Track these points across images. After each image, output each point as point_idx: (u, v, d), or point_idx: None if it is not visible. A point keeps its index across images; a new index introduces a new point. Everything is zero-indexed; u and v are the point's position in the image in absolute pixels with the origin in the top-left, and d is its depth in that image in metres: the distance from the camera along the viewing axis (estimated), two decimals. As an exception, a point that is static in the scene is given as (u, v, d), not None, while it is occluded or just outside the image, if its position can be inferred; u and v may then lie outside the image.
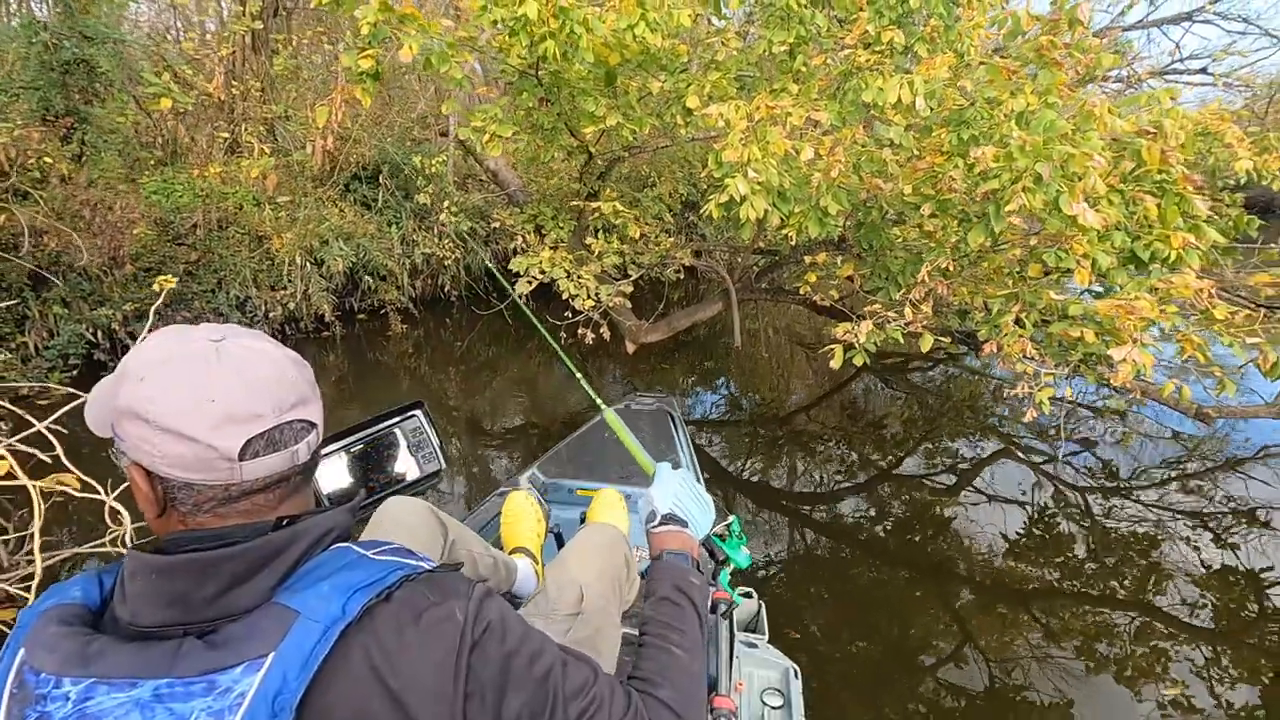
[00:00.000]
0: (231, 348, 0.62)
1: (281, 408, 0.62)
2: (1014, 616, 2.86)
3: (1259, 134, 3.35)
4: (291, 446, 0.63)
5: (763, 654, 1.54)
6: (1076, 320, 2.12)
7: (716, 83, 3.34)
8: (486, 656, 0.64)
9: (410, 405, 1.42)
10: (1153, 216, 2.06)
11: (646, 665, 0.83)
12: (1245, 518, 3.64)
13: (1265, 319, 2.18)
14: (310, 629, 0.56)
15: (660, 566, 1.00)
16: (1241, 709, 2.37)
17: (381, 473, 1.34)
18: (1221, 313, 2.06)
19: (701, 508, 1.14)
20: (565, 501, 2.24)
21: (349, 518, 0.69)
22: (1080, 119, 2.04)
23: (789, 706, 1.43)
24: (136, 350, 0.62)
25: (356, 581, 0.60)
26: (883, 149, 2.90)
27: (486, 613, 0.66)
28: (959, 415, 5.16)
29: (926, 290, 2.51)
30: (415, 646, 0.60)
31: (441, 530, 1.32)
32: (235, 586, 0.58)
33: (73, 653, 0.55)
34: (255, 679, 0.54)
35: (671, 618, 0.90)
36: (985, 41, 2.91)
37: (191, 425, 0.58)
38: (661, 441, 2.66)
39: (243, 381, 0.60)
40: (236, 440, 0.59)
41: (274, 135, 6.90)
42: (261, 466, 0.61)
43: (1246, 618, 2.88)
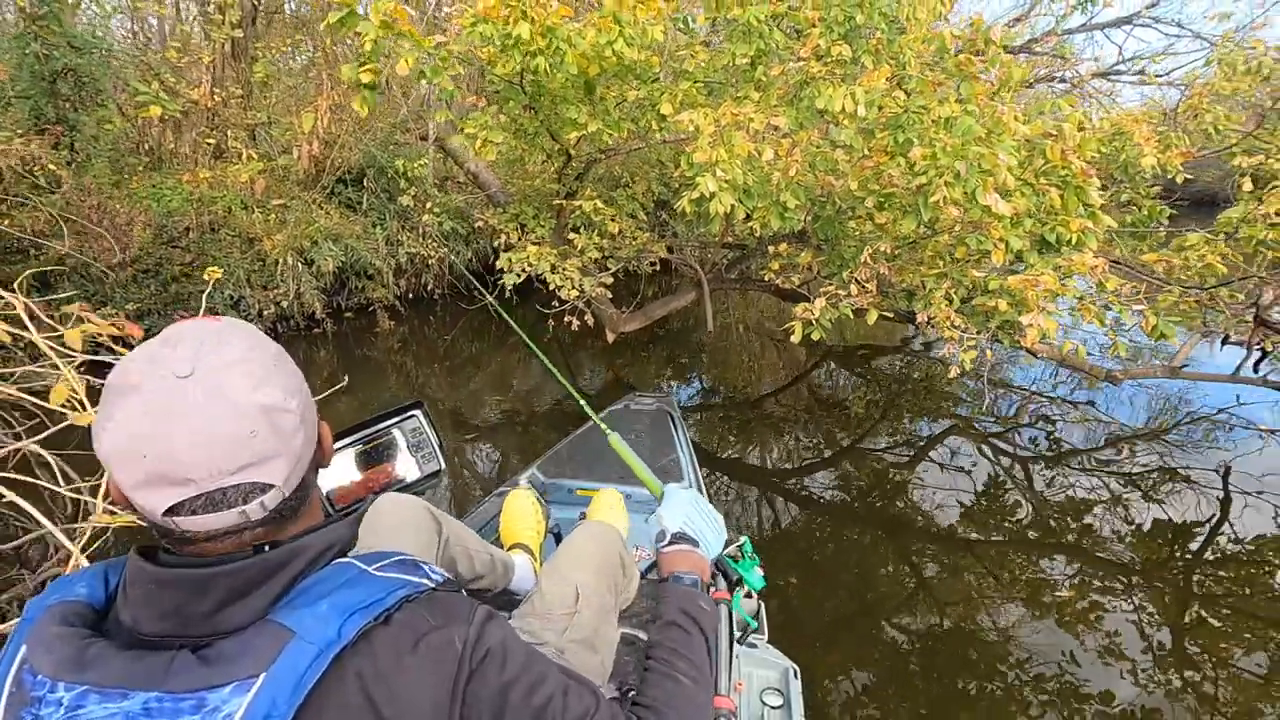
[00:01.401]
0: (194, 392, 0.56)
1: (223, 470, 0.57)
2: (957, 564, 3.24)
3: (1164, 132, 3.81)
4: (238, 506, 0.58)
5: (762, 654, 1.53)
6: (994, 293, 2.51)
7: (687, 91, 3.68)
8: (485, 685, 0.63)
9: (410, 405, 1.41)
10: (1057, 205, 2.45)
11: (652, 692, 0.83)
12: (1169, 476, 4.09)
13: (1149, 290, 2.59)
14: (304, 650, 0.55)
15: (669, 590, 0.99)
16: (1163, 645, 2.72)
17: (381, 473, 1.33)
18: (1112, 284, 2.46)
19: (712, 527, 1.14)
20: (565, 501, 2.24)
21: (352, 530, 0.68)
22: (993, 125, 2.42)
23: (789, 706, 1.42)
24: (124, 362, 0.59)
25: (355, 602, 0.59)
26: (835, 150, 3.27)
27: (487, 638, 0.65)
28: (915, 397, 5.58)
29: (871, 271, 2.88)
30: (412, 673, 0.60)
31: (436, 528, 1.31)
32: (231, 603, 0.58)
33: (69, 656, 0.55)
34: (244, 700, 0.53)
35: (679, 644, 0.90)
36: (922, 54, 3.28)
37: (122, 474, 0.56)
38: (661, 442, 2.65)
39: (189, 439, 0.55)
40: (161, 501, 0.56)
41: (254, 139, 7.08)
42: (200, 522, 0.58)
43: (1170, 564, 3.26)
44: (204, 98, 6.02)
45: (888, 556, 3.34)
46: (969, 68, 2.53)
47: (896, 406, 5.31)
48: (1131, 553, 3.35)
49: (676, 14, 3.85)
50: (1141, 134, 3.39)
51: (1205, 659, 2.66)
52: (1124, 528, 3.53)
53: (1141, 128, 3.45)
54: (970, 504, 3.75)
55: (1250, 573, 3.25)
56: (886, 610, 2.92)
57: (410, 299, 7.16)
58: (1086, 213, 2.47)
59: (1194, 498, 3.85)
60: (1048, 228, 2.47)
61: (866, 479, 4.12)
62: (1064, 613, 2.88)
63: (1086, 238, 2.44)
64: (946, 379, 5.79)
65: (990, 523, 3.60)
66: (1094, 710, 2.42)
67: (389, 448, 1.36)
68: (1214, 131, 3.78)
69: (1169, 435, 4.64)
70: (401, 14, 3.23)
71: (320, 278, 5.87)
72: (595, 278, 4.10)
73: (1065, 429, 4.74)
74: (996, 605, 2.96)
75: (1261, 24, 5.63)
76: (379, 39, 3.20)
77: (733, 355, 6.74)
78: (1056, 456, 4.33)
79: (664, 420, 2.80)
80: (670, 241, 5.87)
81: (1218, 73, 3.91)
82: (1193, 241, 2.93)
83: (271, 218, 5.86)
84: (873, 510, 3.78)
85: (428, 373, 6.10)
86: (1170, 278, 3.38)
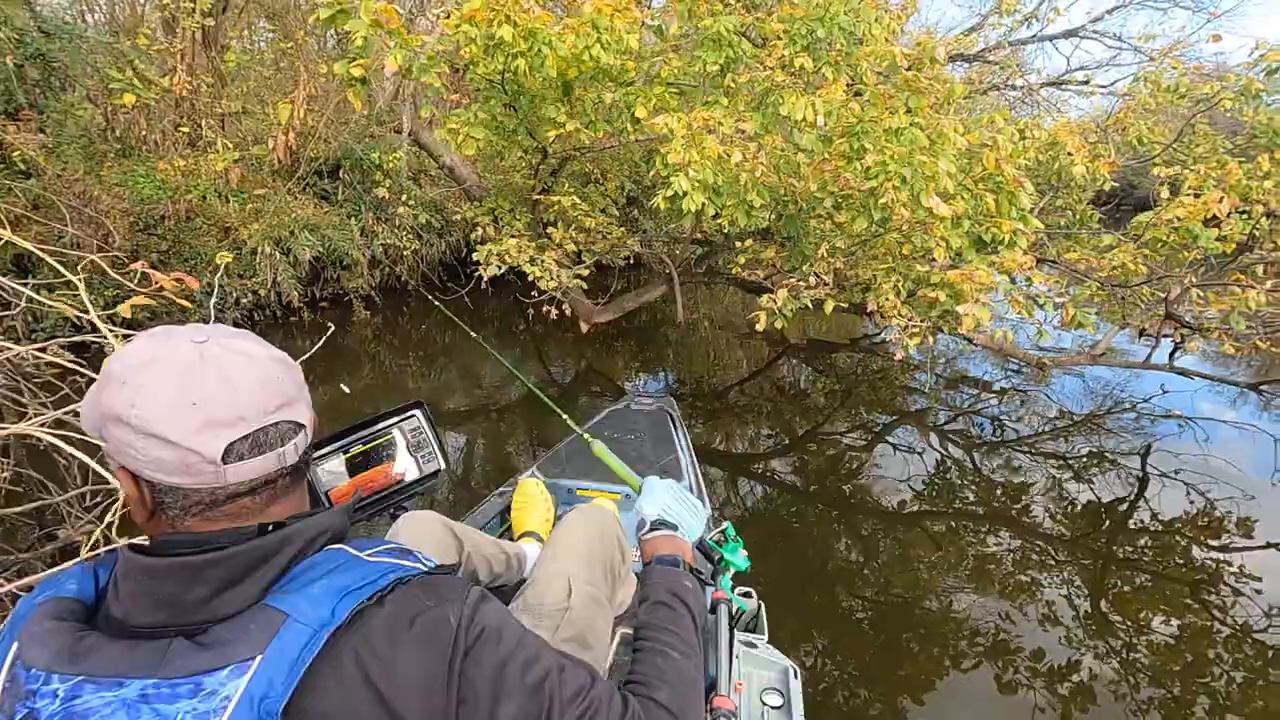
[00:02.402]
0: (215, 349, 0.61)
1: (265, 410, 0.62)
2: (905, 538, 3.52)
3: (1094, 144, 4.17)
4: (278, 448, 0.63)
5: (762, 654, 1.54)
6: (936, 286, 2.80)
7: (660, 95, 3.91)
8: (480, 663, 0.64)
9: (410, 405, 1.41)
10: (992, 209, 2.75)
11: (643, 669, 0.84)
12: (1098, 459, 4.46)
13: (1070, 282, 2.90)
14: (299, 632, 0.56)
15: (653, 572, 1.02)
16: (1087, 608, 3.00)
17: (381, 473, 1.35)
18: (1038, 279, 2.77)
19: (692, 512, 1.17)
20: (565, 501, 2.27)
21: (344, 519, 0.69)
22: (935, 135, 2.70)
23: (788, 706, 1.43)
24: (120, 353, 0.61)
25: (348, 584, 0.60)
26: (797, 154, 3.53)
27: (481, 618, 0.66)
28: (872, 388, 5.90)
29: (828, 266, 3.15)
30: (407, 650, 0.60)
31: (457, 544, 1.33)
32: (225, 590, 0.59)
33: (63, 649, 0.56)
34: (241, 682, 0.54)
35: (666, 621, 0.91)
36: (878, 66, 3.57)
37: (173, 429, 0.58)
38: (661, 441, 2.67)
39: (225, 384, 0.60)
40: (218, 444, 0.59)
41: (224, 128, 7.09)
42: (246, 469, 0.61)
43: (1096, 537, 3.57)
44: (178, 85, 6.03)
45: (841, 531, 3.61)
46: (915, 83, 2.81)
47: (854, 397, 5.62)
48: (1063, 527, 3.67)
49: (651, 21, 4.08)
50: (1073, 145, 3.74)
51: (1123, 620, 2.95)
52: (1057, 505, 3.87)
53: (1074, 139, 3.79)
54: (920, 485, 4.04)
55: (1165, 543, 3.60)
56: (840, 579, 3.15)
57: (385, 289, 7.26)
58: (1018, 215, 2.77)
59: (1118, 478, 4.22)
60: (984, 228, 2.77)
61: (824, 462, 4.40)
62: (1002, 581, 3.16)
63: (1018, 238, 2.74)
64: (900, 372, 6.14)
65: (938, 501, 3.89)
66: (1024, 664, 2.67)
67: (389, 447, 1.36)
68: (1138, 143, 4.15)
69: (1100, 422, 5.03)
70: (391, 13, 3.39)
71: (297, 267, 5.95)
72: (571, 270, 4.31)
73: (1008, 418, 5.11)
74: (940, 573, 3.23)
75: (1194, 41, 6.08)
76: (369, 36, 3.36)
77: (700, 349, 6.97)
78: (1000, 442, 4.68)
79: (664, 420, 2.82)
80: (640, 237, 6.10)
81: (1143, 89, 4.28)
82: (1108, 242, 3.27)
83: (248, 207, 5.92)
84: (829, 490, 4.06)
85: (402, 363, 6.22)
86: (1100, 277, 3.73)
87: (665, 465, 2.50)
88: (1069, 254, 3.16)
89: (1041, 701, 2.47)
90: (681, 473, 2.46)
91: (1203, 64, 6.37)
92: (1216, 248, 3.01)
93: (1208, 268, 3.75)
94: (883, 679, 2.60)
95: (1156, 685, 2.58)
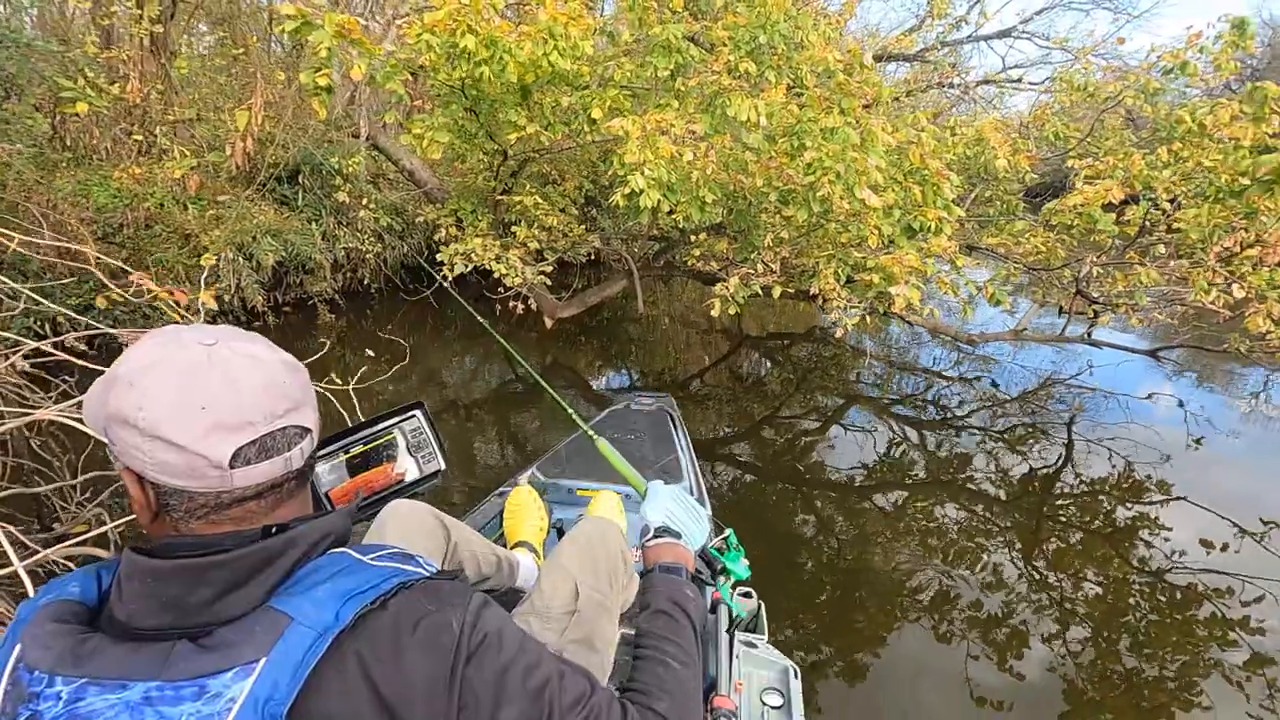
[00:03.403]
0: (223, 352, 0.61)
1: (273, 414, 0.62)
2: (857, 507, 3.80)
3: (1016, 139, 4.54)
4: (284, 453, 0.64)
5: (762, 654, 1.55)
6: (870, 270, 3.08)
7: (615, 98, 4.12)
8: (482, 668, 0.64)
9: (410, 406, 1.43)
10: (919, 199, 3.04)
11: (643, 678, 0.84)
12: (1030, 430, 4.83)
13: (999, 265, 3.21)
14: (303, 635, 0.57)
15: (654, 580, 1.02)
16: (1020, 562, 3.30)
17: (382, 473, 1.36)
18: (960, 261, 3.07)
19: (695, 520, 1.17)
20: (565, 501, 2.27)
21: (346, 522, 0.69)
22: (865, 134, 2.98)
23: (789, 706, 1.43)
24: (127, 354, 0.61)
25: (352, 588, 0.61)
26: (745, 152, 3.78)
27: (484, 623, 0.66)
28: (825, 375, 6.22)
29: (775, 255, 3.41)
30: (409, 656, 0.61)
31: (445, 533, 1.34)
32: (230, 592, 0.59)
33: (66, 651, 0.56)
34: (245, 685, 0.54)
35: (667, 630, 0.92)
36: (816, 69, 3.84)
37: (180, 433, 0.58)
38: (661, 441, 2.68)
39: (233, 387, 0.60)
40: (226, 448, 0.59)
41: (175, 135, 7.06)
42: (254, 474, 0.62)
43: (1028, 499, 3.91)
44: (132, 93, 6.01)
45: (799, 504, 3.87)
46: (847, 87, 3.09)
47: (808, 383, 5.93)
48: (999, 491, 4.01)
49: (604, 28, 4.29)
50: (997, 140, 4.08)
51: (1053, 571, 3.26)
52: (994, 473, 4.21)
53: (997, 135, 4.14)
54: (871, 460, 4.33)
55: (1090, 503, 3.96)
56: (797, 545, 3.41)
57: (348, 293, 7.32)
58: (942, 205, 3.07)
59: (1049, 447, 4.60)
60: (912, 217, 3.06)
61: (782, 443, 4.67)
62: (947, 542, 3.44)
63: (943, 225, 3.04)
64: (851, 359, 6.47)
65: (889, 474, 4.18)
66: (963, 616, 2.91)
67: (389, 448, 1.37)
68: (1054, 138, 4.53)
69: (1033, 399, 5.43)
70: (353, 24, 3.53)
71: (259, 272, 6.00)
72: (535, 267, 4.50)
73: (951, 399, 5.47)
74: (889, 536, 3.49)
75: (1112, 42, 6.54)
76: (332, 46, 3.49)
77: (661, 344, 7.19)
78: (943, 421, 5.03)
79: (663, 420, 2.84)
80: (600, 235, 6.31)
81: (1059, 88, 4.67)
82: (1021, 228, 3.61)
83: (208, 214, 5.95)
84: (785, 467, 4.33)
85: (370, 364, 6.27)
86: (1027, 261, 4.08)
87: (665, 465, 2.49)
88: (990, 239, 3.48)
89: (975, 650, 2.71)
90: (681, 473, 2.46)
91: (1125, 63, 6.88)
92: (1114, 230, 3.37)
93: (1132, 251, 4.14)
94: (838, 633, 2.81)
95: (1084, 626, 2.86)
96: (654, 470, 2.42)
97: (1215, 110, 3.09)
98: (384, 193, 7.59)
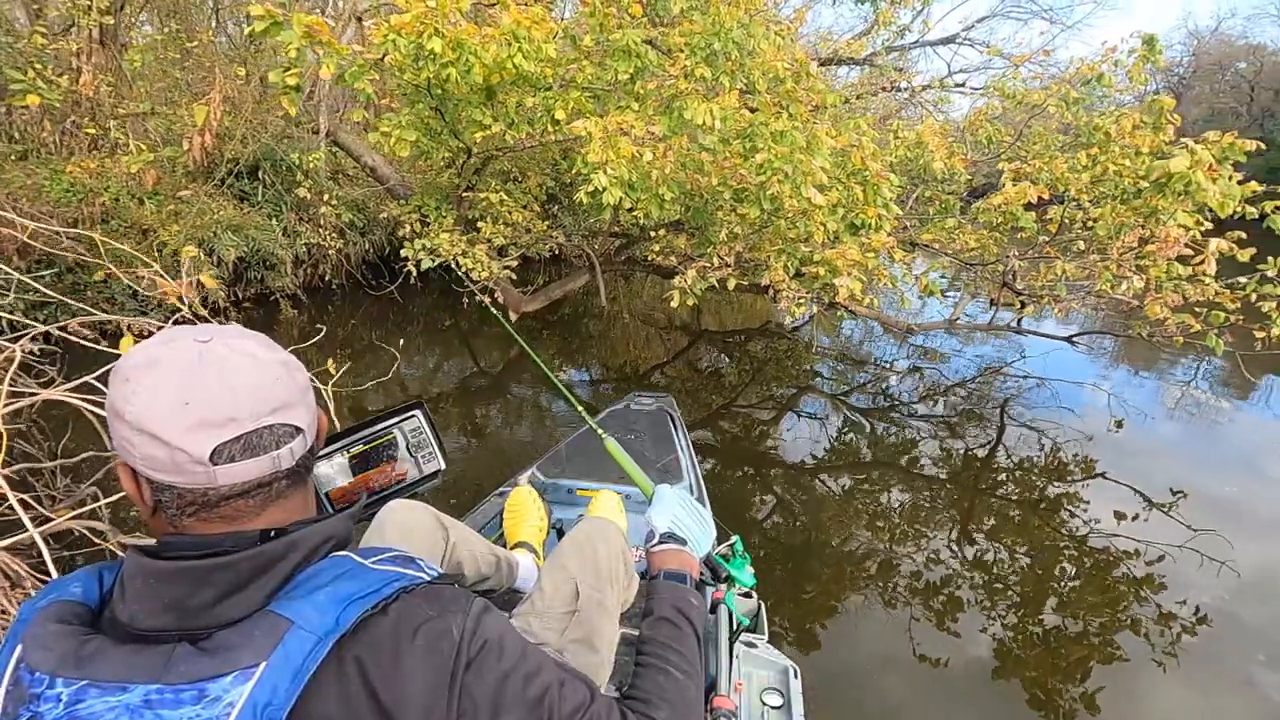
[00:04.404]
0: (218, 349, 0.62)
1: (259, 412, 0.62)
2: (809, 486, 4.06)
3: (953, 143, 4.87)
4: (271, 451, 0.63)
5: (762, 654, 1.55)
6: (817, 263, 3.33)
7: (577, 99, 4.29)
8: (482, 675, 0.64)
9: (410, 405, 1.44)
10: (860, 198, 3.30)
11: (644, 685, 0.85)
12: (968, 415, 5.17)
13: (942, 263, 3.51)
14: (303, 639, 0.57)
15: (659, 587, 1.02)
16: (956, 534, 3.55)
17: (381, 474, 1.36)
18: (899, 255, 3.35)
19: (702, 526, 1.18)
20: (564, 502, 2.27)
21: (348, 525, 0.69)
22: (810, 138, 3.23)
23: (789, 706, 1.44)
24: (129, 352, 0.62)
25: (352, 592, 0.61)
26: (701, 153, 3.99)
27: (484, 630, 0.66)
28: (779, 367, 6.50)
29: (729, 249, 3.65)
30: (409, 662, 0.61)
31: (443, 533, 1.35)
32: (231, 594, 0.59)
33: (67, 653, 0.56)
34: (245, 688, 0.54)
35: (670, 639, 0.92)
36: (768, 74, 4.08)
37: (164, 427, 0.58)
38: (661, 441, 2.69)
39: (222, 384, 0.60)
40: (207, 444, 0.59)
41: (125, 129, 6.96)
42: (238, 470, 0.62)
43: (964, 477, 4.21)
44: (84, 86, 5.93)
45: (755, 486, 4.10)
46: (794, 93, 3.33)
47: (763, 375, 6.20)
48: (939, 470, 4.31)
49: (567, 32, 4.45)
50: (934, 144, 4.39)
51: (986, 542, 3.54)
52: (936, 453, 4.52)
53: (935, 139, 4.45)
54: (824, 445, 4.59)
55: (1018, 479, 4.29)
56: (752, 527, 3.60)
57: (310, 289, 7.33)
58: (881, 203, 3.34)
59: (984, 430, 4.95)
60: (854, 214, 3.32)
61: (738, 429, 4.91)
62: (890, 517, 3.71)
63: (882, 222, 3.31)
64: (806, 352, 6.77)
65: (836, 458, 4.44)
66: (905, 583, 3.16)
67: (389, 448, 1.36)
68: (987, 142, 4.88)
69: (972, 387, 5.80)
70: (322, 25, 3.63)
71: (220, 267, 5.99)
72: (501, 261, 4.65)
73: (896, 388, 5.80)
74: (837, 514, 3.73)
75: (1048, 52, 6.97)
76: (301, 47, 3.58)
77: (622, 339, 7.34)
78: (890, 408, 5.34)
79: (664, 420, 2.86)
80: (562, 231, 6.47)
81: (992, 96, 5.03)
82: (951, 225, 3.92)
83: (167, 209, 5.91)
84: (742, 451, 4.56)
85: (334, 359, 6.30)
86: (964, 257, 4.40)
87: (665, 465, 2.50)
88: (926, 235, 3.79)
89: (918, 614, 2.93)
90: (682, 472, 2.47)
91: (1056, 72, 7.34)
92: (1034, 228, 3.71)
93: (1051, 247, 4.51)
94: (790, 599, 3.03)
95: (1014, 589, 3.14)
96: (654, 470, 2.44)
97: (1119, 120, 3.45)
98: (344, 188, 7.60)
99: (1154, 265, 3.37)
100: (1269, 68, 30.29)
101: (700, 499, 2.31)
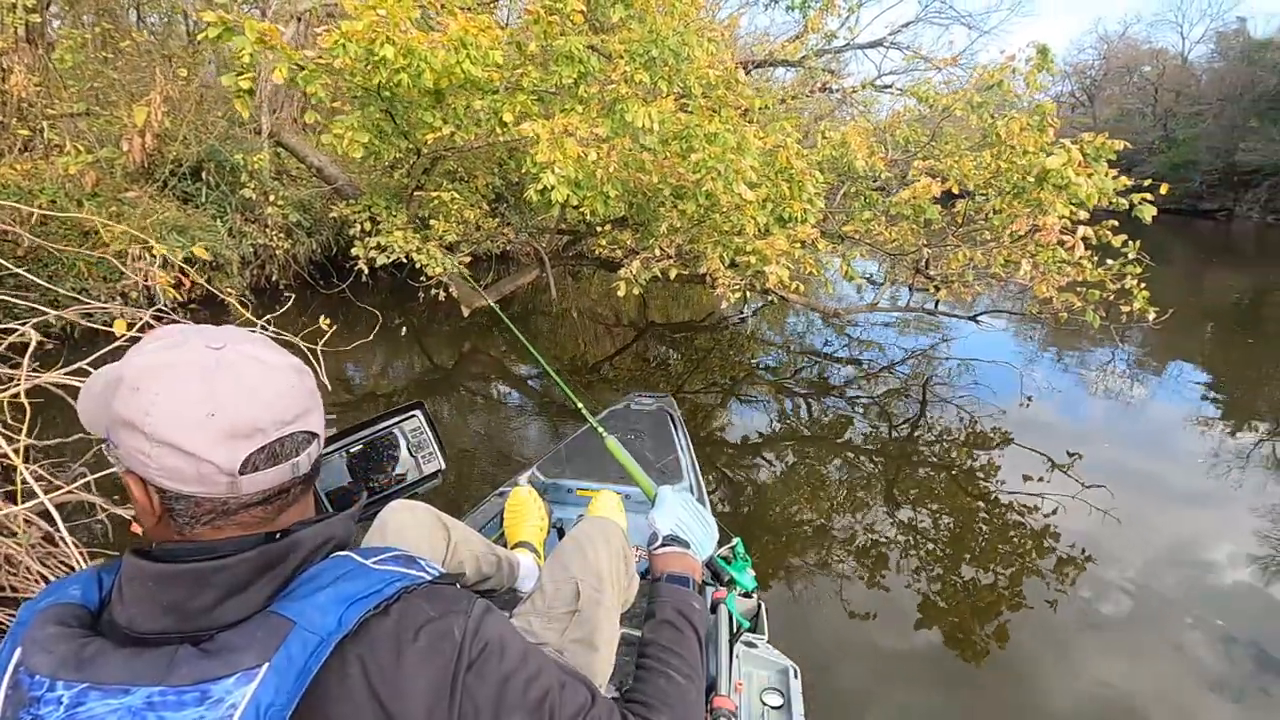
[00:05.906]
0: (232, 356, 0.61)
1: (283, 420, 0.62)
2: (753, 462, 4.39)
3: (873, 144, 5.28)
4: (292, 459, 0.64)
5: (762, 654, 1.55)
6: (749, 253, 3.66)
7: (523, 102, 4.51)
8: (483, 676, 0.64)
9: (410, 405, 1.43)
10: (786, 194, 3.64)
11: (646, 689, 0.85)
12: (895, 393, 5.61)
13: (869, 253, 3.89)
14: (305, 640, 0.56)
15: (662, 589, 1.02)
16: (883, 499, 3.89)
17: (381, 474, 1.35)
18: (823, 245, 3.71)
19: (704, 529, 1.18)
20: (564, 502, 2.26)
21: (349, 525, 0.69)
22: (740, 139, 3.55)
23: (789, 706, 1.44)
24: (132, 354, 0.61)
25: (354, 593, 0.60)
26: (643, 153, 4.27)
27: (486, 631, 0.66)
28: (722, 355, 6.84)
29: (670, 242, 3.94)
30: (411, 662, 0.61)
31: (444, 533, 1.35)
32: (232, 596, 0.59)
33: (67, 655, 0.56)
34: (248, 690, 0.54)
35: (672, 642, 0.92)
36: (703, 79, 4.39)
37: (190, 439, 0.57)
38: (661, 441, 2.68)
39: (244, 394, 0.60)
40: (237, 456, 0.59)
41: (58, 129, 6.82)
42: (261, 480, 0.62)
43: (891, 447, 4.60)
44: (16, 86, 5.82)
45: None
46: (725, 99, 3.65)
47: (708, 364, 6.53)
48: (868, 443, 4.70)
49: (513, 38, 4.66)
50: (857, 144, 4.77)
51: (912, 504, 3.90)
52: (865, 428, 4.93)
53: (858, 139, 4.84)
54: (765, 425, 4.95)
55: (939, 448, 4.72)
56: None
57: (257, 289, 7.32)
58: (806, 198, 3.69)
59: (908, 405, 5.39)
60: (781, 209, 3.66)
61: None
62: (825, 485, 4.06)
63: (806, 215, 3.66)
64: (749, 342, 7.13)
65: (777, 438, 4.80)
66: (839, 546, 3.48)
67: (390, 448, 1.36)
68: (904, 142, 5.32)
69: (897, 368, 6.27)
70: (274, 31, 3.76)
71: (167, 269, 5.96)
72: (454, 257, 4.83)
73: (831, 372, 6.22)
74: (779, 484, 4.08)
75: (956, 60, 7.52)
76: (254, 51, 3.71)
77: (571, 335, 7.57)
78: (825, 389, 5.74)
79: (664, 420, 2.86)
80: (511, 228, 6.67)
81: (909, 100, 5.49)
82: (868, 217, 4.33)
83: (107, 210, 5.86)
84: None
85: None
86: (885, 248, 4.81)
87: (665, 465, 2.51)
88: (847, 227, 4.17)
89: (848, 572, 3.23)
90: (682, 473, 2.48)
91: (964, 77, 7.91)
92: (939, 220, 4.14)
93: (954, 236, 4.97)
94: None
95: (935, 547, 3.49)
96: (655, 470, 2.46)
97: (1009, 122, 3.89)
98: (288, 189, 7.60)
99: (1039, 251, 3.82)
100: (1170, 71, 32.70)
101: (701, 500, 2.33)
